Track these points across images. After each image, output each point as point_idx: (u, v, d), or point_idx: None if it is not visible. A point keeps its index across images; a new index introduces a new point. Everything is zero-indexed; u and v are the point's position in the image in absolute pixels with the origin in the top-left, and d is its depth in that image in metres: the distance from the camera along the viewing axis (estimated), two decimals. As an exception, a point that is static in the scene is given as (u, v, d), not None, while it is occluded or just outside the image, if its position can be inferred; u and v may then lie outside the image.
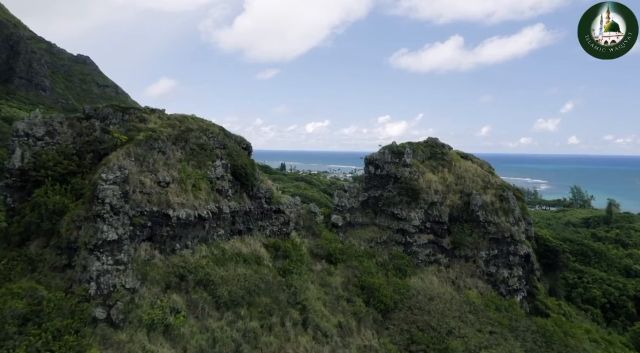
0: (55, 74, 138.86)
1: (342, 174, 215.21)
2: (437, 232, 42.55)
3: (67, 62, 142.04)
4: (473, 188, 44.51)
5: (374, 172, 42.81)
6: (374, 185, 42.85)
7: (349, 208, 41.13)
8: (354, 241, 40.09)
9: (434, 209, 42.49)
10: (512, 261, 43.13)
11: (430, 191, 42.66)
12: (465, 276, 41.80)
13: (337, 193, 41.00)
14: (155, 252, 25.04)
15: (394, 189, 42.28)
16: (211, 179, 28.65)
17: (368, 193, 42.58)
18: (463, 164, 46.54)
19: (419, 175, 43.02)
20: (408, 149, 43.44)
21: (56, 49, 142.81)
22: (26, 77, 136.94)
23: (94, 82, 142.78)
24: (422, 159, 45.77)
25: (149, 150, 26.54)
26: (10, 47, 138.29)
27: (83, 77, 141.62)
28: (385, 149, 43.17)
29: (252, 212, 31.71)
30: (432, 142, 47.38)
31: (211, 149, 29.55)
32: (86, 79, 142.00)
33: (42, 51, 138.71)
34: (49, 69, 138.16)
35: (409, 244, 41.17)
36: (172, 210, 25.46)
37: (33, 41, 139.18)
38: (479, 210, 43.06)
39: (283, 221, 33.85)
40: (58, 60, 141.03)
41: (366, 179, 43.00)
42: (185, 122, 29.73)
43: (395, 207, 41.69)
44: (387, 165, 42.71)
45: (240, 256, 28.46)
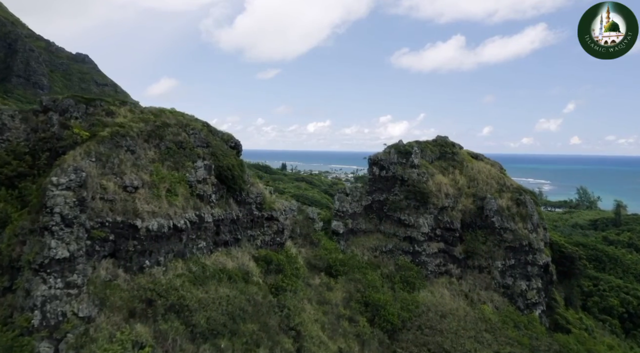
0: (54, 73, 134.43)
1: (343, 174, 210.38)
2: (448, 240, 37.87)
3: (66, 60, 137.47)
4: (487, 191, 39.82)
5: (379, 174, 38.15)
6: (378, 188, 38.19)
7: (351, 214, 36.51)
8: (356, 250, 35.46)
9: (445, 215, 37.82)
10: (531, 272, 38.42)
11: (440, 195, 37.98)
12: (479, 288, 37.12)
13: (337, 197, 36.37)
14: (119, 270, 20.44)
15: (401, 193, 37.60)
16: (191, 183, 24.07)
17: (372, 197, 37.93)
18: (475, 165, 41.85)
19: (428, 177, 38.34)
20: (416, 148, 38.77)
21: (54, 48, 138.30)
22: (24, 75, 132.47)
23: (93, 81, 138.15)
24: (430, 160, 41.10)
25: (115, 149, 21.94)
26: (8, 46, 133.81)
27: (82, 75, 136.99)
28: (391, 149, 38.52)
29: (240, 220, 27.12)
30: (441, 141, 42.69)
31: (191, 147, 24.96)
32: (85, 78, 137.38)
33: (40, 49, 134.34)
34: (47, 68, 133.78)
35: (417, 253, 36.50)
36: (140, 220, 20.85)
37: (31, 39, 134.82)
38: (494, 216, 38.38)
39: (276, 229, 29.25)
40: (56, 59, 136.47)
41: (370, 181, 38.35)
42: (161, 116, 25.15)
43: (402, 213, 37.03)
44: (393, 166, 38.03)
45: (224, 272, 23.84)
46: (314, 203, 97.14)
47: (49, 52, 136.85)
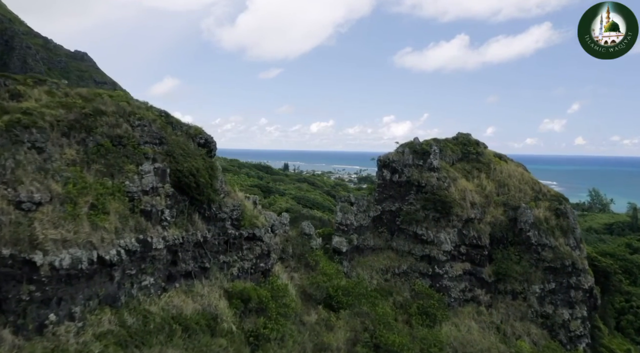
0: (52, 70, 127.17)
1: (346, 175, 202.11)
2: (475, 259, 30.05)
3: (64, 58, 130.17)
4: (520, 199, 31.95)
5: (390, 178, 30.32)
6: (389, 196, 30.36)
7: (356, 228, 28.71)
8: (363, 273, 27.70)
9: (471, 228, 29.99)
10: (574, 297, 30.57)
11: (465, 204, 30.16)
12: (513, 319, 29.29)
13: (340, 206, 28.55)
14: (5, 331, 12.84)
15: (417, 201, 29.79)
16: (132, 194, 16.41)
17: (382, 206, 30.11)
18: (505, 167, 33.96)
19: (450, 182, 30.50)
20: (435, 147, 30.92)
21: (53, 45, 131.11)
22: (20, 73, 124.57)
23: (92, 79, 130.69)
24: (451, 161, 33.25)
25: (10, 146, 14.32)
26: (5, 43, 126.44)
27: (80, 73, 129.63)
28: (405, 148, 30.67)
29: (209, 242, 19.44)
30: (463, 139, 34.80)
31: (136, 144, 17.28)
32: (84, 76, 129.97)
33: (38, 47, 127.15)
34: (44, 65, 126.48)
35: (437, 276, 28.70)
36: (41, 254, 13.22)
37: (29, 37, 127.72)
38: (530, 230, 30.52)
39: (260, 253, 21.55)
40: (54, 56, 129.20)
41: (379, 188, 30.53)
42: (94, 100, 17.49)
43: (419, 226, 29.22)
44: (408, 169, 30.19)
45: (178, 322, 16.19)
46: (315, 205, 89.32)
47: (47, 49, 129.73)
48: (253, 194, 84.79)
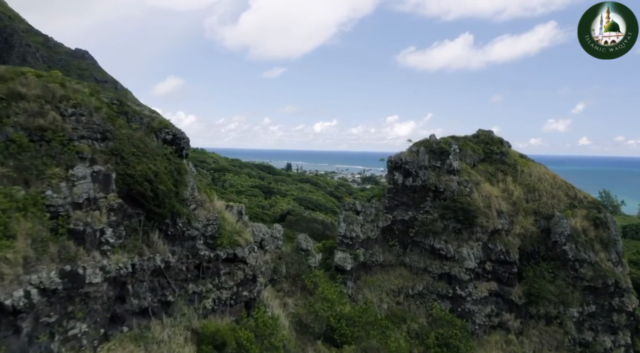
0: (52, 69, 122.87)
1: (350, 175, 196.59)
2: (503, 278, 25.03)
3: (65, 56, 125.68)
4: (554, 207, 26.86)
5: (403, 182, 25.28)
6: (402, 203, 25.34)
7: (362, 241, 23.73)
8: (371, 295, 22.73)
9: (498, 241, 24.97)
10: (617, 321, 25.50)
11: (490, 212, 25.12)
12: (547, 349, 24.25)
13: (344, 216, 23.52)
14: None
15: (435, 209, 24.79)
16: (56, 209, 11.57)
17: (392, 215, 25.10)
18: (534, 169, 28.85)
19: (473, 187, 25.47)
20: (455, 146, 25.89)
21: (53, 43, 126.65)
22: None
23: (93, 78, 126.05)
24: (472, 162, 28.21)
25: None
26: (4, 40, 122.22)
27: (81, 72, 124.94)
28: (420, 147, 25.62)
29: (173, 268, 14.56)
30: (485, 137, 29.70)
31: (65, 140, 12.40)
32: (84, 74, 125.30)
33: (38, 45, 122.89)
34: (44, 64, 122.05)
35: (459, 299, 23.71)
36: None
37: (29, 34, 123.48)
38: (566, 242, 25.47)
39: (243, 278, 16.64)
40: (55, 55, 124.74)
41: (390, 193, 25.50)
42: (12, 81, 12.65)
43: (437, 238, 24.23)
44: (424, 171, 25.15)
45: (120, 386, 11.33)
46: (317, 207, 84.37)
47: (47, 47, 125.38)
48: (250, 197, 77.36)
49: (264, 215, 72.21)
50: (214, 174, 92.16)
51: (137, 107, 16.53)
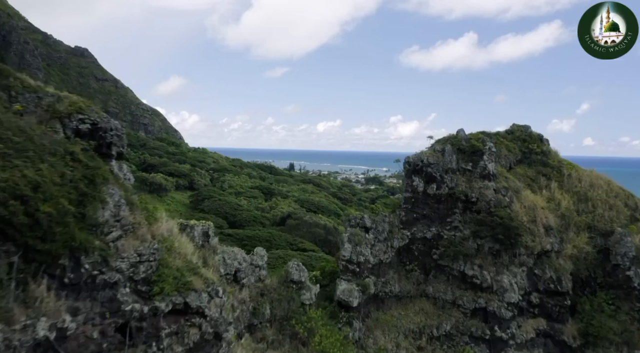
0: (51, 67, 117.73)
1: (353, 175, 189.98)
2: (553, 313, 18.96)
3: (64, 54, 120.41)
4: (612, 220, 20.74)
5: (424, 190, 19.21)
6: (423, 216, 19.31)
7: (373, 266, 17.73)
8: (384, 340, 16.75)
9: (547, 266, 18.93)
10: (697, 368, 19.42)
11: (536, 229, 19.08)
12: (611, 406, 18.25)
13: (349, 234, 17.47)
14: None
15: (465, 225, 18.79)
16: None
17: (411, 231, 19.08)
18: (583, 173, 22.75)
19: (512, 195, 19.47)
20: (490, 143, 19.85)
21: (52, 41, 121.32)
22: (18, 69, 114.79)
23: (92, 76, 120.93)
24: (508, 164, 22.14)
25: None
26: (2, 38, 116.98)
27: (80, 70, 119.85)
28: (446, 145, 19.55)
29: (75, 337, 8.64)
30: (521, 133, 23.57)
31: None
32: (84, 72, 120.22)
33: (36, 42, 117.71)
34: (43, 61, 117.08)
35: (499, 342, 17.70)
36: None
37: (27, 32, 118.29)
38: (630, 267, 19.38)
39: (198, 339, 10.70)
40: (54, 52, 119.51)
41: (408, 203, 19.43)
42: None
43: (470, 263, 18.25)
44: (451, 175, 19.11)
45: None
46: (320, 209, 78.45)
47: (46, 45, 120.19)
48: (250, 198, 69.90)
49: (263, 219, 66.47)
50: (213, 174, 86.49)
51: (30, 82, 10.60)
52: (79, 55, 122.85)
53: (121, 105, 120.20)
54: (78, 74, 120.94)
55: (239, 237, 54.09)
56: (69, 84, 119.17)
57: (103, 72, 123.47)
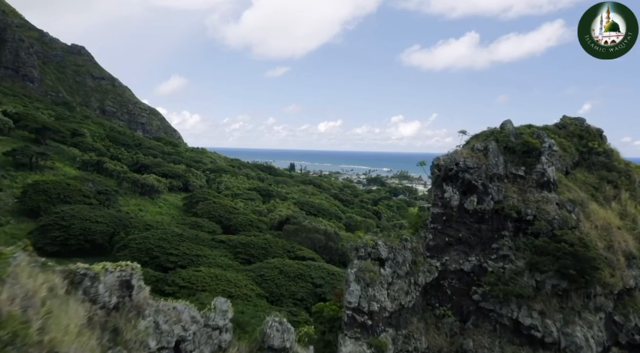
0: (46, 65, 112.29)
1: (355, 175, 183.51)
2: (641, 377, 13.34)
3: (60, 52, 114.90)
4: None
5: (460, 204, 13.50)
6: (458, 240, 13.62)
7: (390, 315, 12.09)
8: None
9: (630, 310, 13.27)
10: None
11: (615, 258, 13.44)
12: None
13: (357, 270, 11.81)
14: None
15: (519, 253, 13.10)
16: None
17: (442, 261, 13.39)
18: (661, 181, 17.10)
19: (579, 212, 13.82)
20: (549, 140, 14.14)
21: (48, 38, 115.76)
22: (12, 67, 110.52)
23: (89, 74, 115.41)
24: (564, 168, 16.40)
25: None
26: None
27: (77, 68, 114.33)
28: (490, 142, 13.84)
29: None
30: (576, 128, 17.74)
31: None
32: (80, 71, 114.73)
33: (32, 40, 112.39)
34: (39, 59, 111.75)
35: None
36: None
37: (23, 29, 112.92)
38: None
39: None
40: (50, 50, 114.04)
41: (437, 223, 13.69)
42: None
43: (526, 307, 12.61)
44: (497, 184, 13.43)
45: None
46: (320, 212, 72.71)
47: (42, 43, 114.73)
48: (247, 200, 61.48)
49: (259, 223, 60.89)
50: (209, 175, 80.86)
51: None
52: (75, 53, 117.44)
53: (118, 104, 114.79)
54: (74, 73, 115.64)
55: (232, 244, 48.30)
56: (65, 82, 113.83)
57: (100, 71, 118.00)
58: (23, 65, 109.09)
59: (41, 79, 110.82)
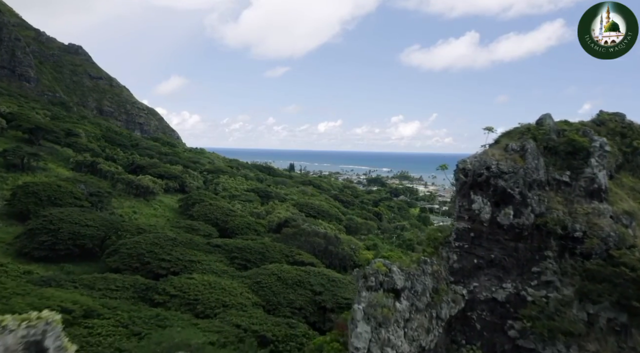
0: (43, 64, 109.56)
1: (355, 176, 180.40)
2: None
3: (57, 51, 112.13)
4: None
5: (492, 217, 10.80)
6: (490, 263, 10.90)
7: (409, 358, 9.43)
8: None
9: None
10: None
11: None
12: None
13: (365, 306, 9.13)
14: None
15: (566, 279, 10.44)
16: None
17: (470, 288, 10.67)
18: None
19: (636, 226, 11.17)
20: (599, 139, 11.46)
21: (45, 38, 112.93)
22: (8, 66, 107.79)
23: (86, 74, 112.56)
24: (608, 172, 13.77)
25: None
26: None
27: (74, 68, 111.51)
28: (527, 142, 11.15)
29: None
30: (616, 125, 14.95)
31: None
32: (77, 70, 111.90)
33: (29, 39, 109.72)
34: (35, 59, 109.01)
35: None
36: None
37: (20, 28, 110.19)
38: None
39: None
40: (47, 50, 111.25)
41: (463, 241, 10.98)
42: None
43: (576, 347, 9.99)
44: (537, 192, 10.74)
45: None
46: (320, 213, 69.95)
47: (39, 42, 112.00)
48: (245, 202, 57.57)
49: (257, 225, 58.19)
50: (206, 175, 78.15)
51: None
52: (72, 52, 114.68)
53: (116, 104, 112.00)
54: (71, 72, 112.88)
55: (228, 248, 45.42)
56: (61, 81, 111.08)
57: (97, 70, 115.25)
58: (19, 65, 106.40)
59: (38, 79, 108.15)
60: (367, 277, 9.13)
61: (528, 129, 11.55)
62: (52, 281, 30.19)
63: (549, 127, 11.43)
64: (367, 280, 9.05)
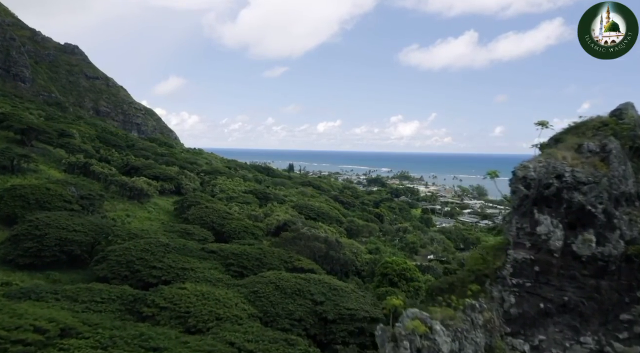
0: (39, 64, 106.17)
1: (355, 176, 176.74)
2: None
3: (53, 51, 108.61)
4: None
5: (565, 245, 7.71)
6: (560, 306, 7.87)
7: None
8: None
9: None
10: None
11: None
12: None
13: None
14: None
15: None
16: None
17: (534, 342, 7.55)
18: None
19: None
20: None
21: (40, 37, 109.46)
22: (3, 66, 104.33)
23: (82, 74, 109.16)
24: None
25: None
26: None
27: (70, 68, 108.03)
28: (609, 141, 8.07)
29: None
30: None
31: None
32: (73, 70, 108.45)
33: (24, 39, 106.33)
34: (31, 59, 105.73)
35: None
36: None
37: (15, 28, 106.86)
38: None
39: None
40: (42, 49, 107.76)
41: (522, 275, 7.84)
42: None
43: None
44: (627, 210, 7.73)
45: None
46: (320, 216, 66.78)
47: (34, 42, 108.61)
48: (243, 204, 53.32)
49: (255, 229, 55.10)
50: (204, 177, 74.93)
51: None
52: (69, 52, 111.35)
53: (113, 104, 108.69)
54: (67, 72, 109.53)
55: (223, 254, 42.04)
56: (57, 82, 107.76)
57: (94, 70, 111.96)
58: (14, 65, 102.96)
59: (33, 79, 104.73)
60: (397, 340, 6.04)
61: (604, 122, 8.48)
62: (32, 293, 27.07)
63: (634, 120, 8.35)
64: (399, 346, 5.95)
